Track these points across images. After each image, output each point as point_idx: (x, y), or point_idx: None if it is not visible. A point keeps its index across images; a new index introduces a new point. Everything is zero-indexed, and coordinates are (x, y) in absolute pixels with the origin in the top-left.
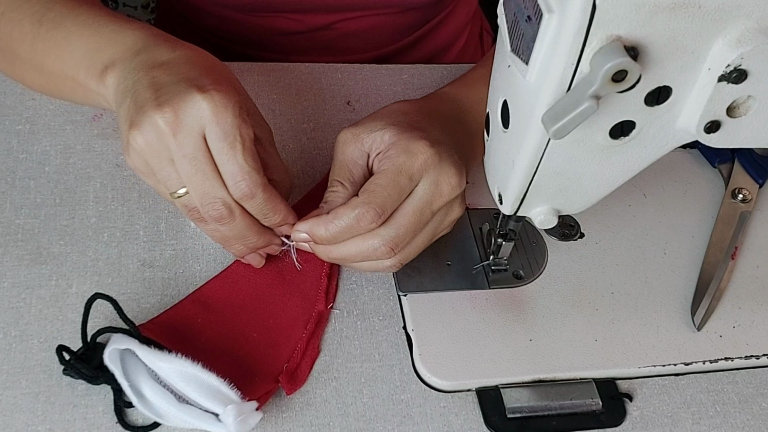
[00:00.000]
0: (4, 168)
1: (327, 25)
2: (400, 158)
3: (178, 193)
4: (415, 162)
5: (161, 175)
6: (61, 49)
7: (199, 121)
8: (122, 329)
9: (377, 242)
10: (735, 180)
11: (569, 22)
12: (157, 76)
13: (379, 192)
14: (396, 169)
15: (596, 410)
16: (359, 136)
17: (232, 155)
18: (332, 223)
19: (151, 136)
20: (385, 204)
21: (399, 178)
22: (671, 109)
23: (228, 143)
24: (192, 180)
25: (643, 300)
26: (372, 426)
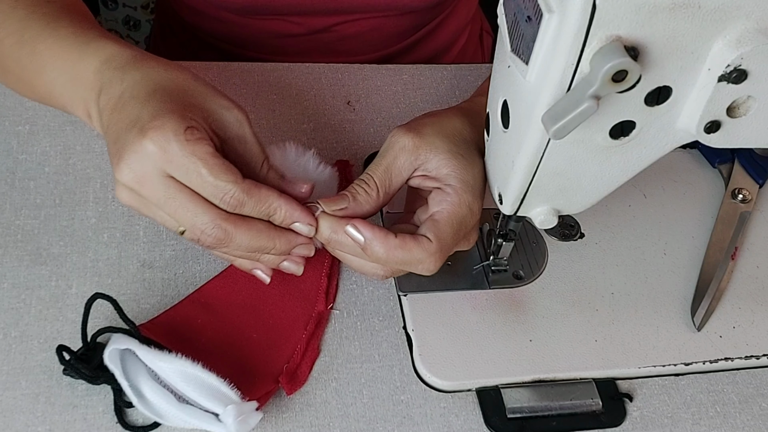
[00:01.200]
0: (3, 169)
1: (326, 28)
2: (463, 210)
3: (180, 230)
4: (470, 222)
5: (160, 221)
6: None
7: (155, 165)
8: (122, 329)
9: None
10: (735, 180)
11: (569, 22)
12: (113, 123)
13: (447, 241)
14: (458, 219)
15: (596, 410)
16: (419, 149)
17: (200, 181)
18: (396, 252)
19: (127, 196)
20: (449, 251)
21: (457, 227)
22: (671, 109)
23: (191, 171)
24: (180, 218)
25: (643, 300)
26: (372, 426)
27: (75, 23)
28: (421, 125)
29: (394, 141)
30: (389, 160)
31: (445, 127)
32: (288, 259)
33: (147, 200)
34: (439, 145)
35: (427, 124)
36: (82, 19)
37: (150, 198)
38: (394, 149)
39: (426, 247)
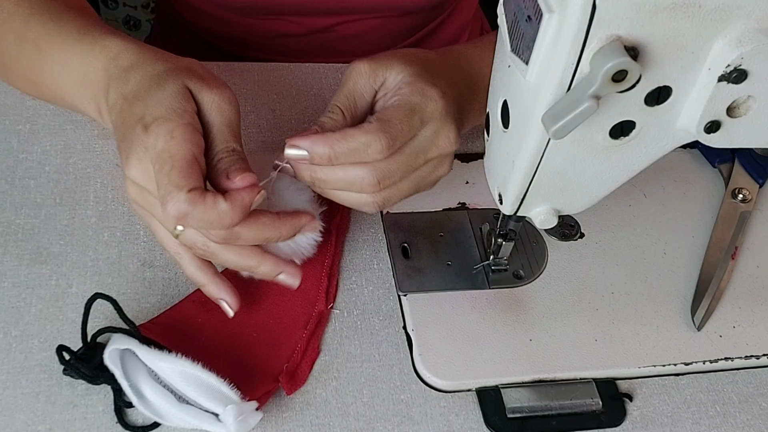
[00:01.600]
0: (4, 168)
1: (327, 28)
2: (416, 98)
3: (178, 229)
4: (428, 106)
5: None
6: (48, 75)
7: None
8: (122, 329)
9: (365, 172)
10: (735, 180)
11: (569, 22)
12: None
13: (395, 124)
14: (411, 107)
15: (596, 410)
16: (376, 71)
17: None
18: (339, 143)
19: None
20: (397, 137)
21: (413, 116)
22: (671, 109)
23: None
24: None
25: (643, 300)
26: (372, 426)
27: (79, 21)
28: (378, 56)
29: (352, 69)
30: (350, 86)
31: (404, 53)
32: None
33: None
34: (395, 63)
35: (384, 54)
36: (86, 16)
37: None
38: (353, 75)
39: (367, 128)
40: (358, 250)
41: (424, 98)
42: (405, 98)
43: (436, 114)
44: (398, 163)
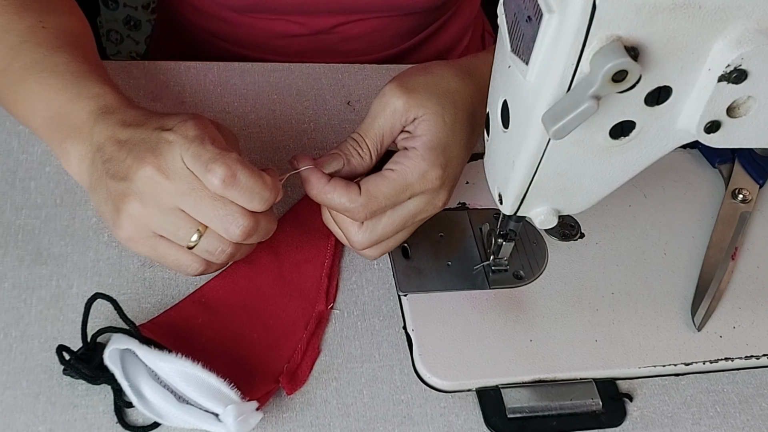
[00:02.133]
0: (4, 168)
1: (329, 29)
2: (412, 177)
3: (192, 240)
4: (422, 185)
5: (169, 227)
6: (26, 107)
7: (180, 153)
8: (122, 329)
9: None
10: (735, 180)
11: (569, 22)
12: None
13: (380, 202)
14: (403, 186)
15: (596, 410)
16: (409, 111)
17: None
18: (326, 195)
19: (146, 193)
20: (378, 212)
21: (402, 194)
22: (671, 109)
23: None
24: (203, 211)
25: (643, 300)
26: (372, 426)
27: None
28: (413, 84)
29: (386, 102)
30: (381, 123)
31: (438, 87)
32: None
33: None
34: (428, 106)
35: (420, 84)
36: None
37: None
38: (386, 112)
39: (352, 198)
40: None
41: (421, 179)
42: (402, 175)
43: (430, 189)
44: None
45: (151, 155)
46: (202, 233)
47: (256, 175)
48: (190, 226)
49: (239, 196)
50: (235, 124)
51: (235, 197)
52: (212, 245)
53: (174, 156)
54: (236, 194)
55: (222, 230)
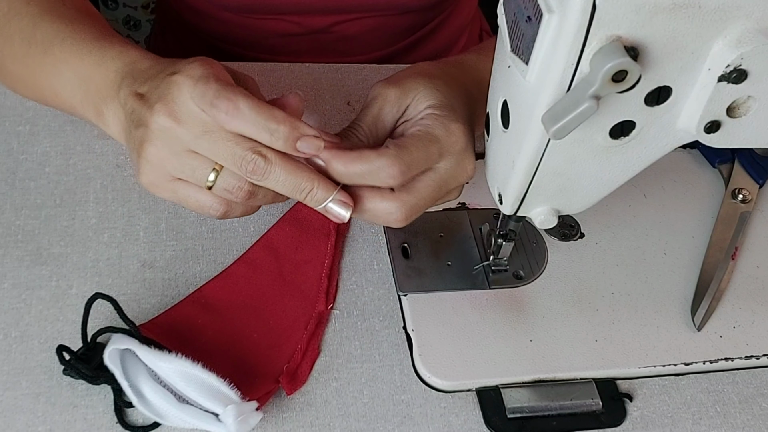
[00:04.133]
0: (4, 169)
1: (325, 28)
2: (438, 131)
3: (210, 180)
4: (449, 140)
5: (186, 169)
6: (53, 77)
7: (188, 95)
8: (122, 329)
9: (396, 207)
10: (735, 180)
11: (569, 22)
12: (141, 92)
13: (411, 152)
14: (431, 138)
15: (596, 410)
16: (401, 98)
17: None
18: (353, 164)
19: (159, 139)
20: (411, 165)
21: (431, 148)
22: (671, 109)
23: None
24: (216, 150)
25: (643, 300)
26: (372, 426)
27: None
28: (400, 76)
29: (377, 93)
30: (375, 111)
31: (425, 73)
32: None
33: (177, 145)
34: (417, 87)
35: (407, 74)
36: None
37: (185, 136)
38: (378, 101)
39: (383, 152)
40: (358, 250)
41: (446, 132)
42: (427, 129)
43: (456, 148)
44: (425, 197)
45: (161, 102)
46: (218, 172)
47: (264, 106)
48: (206, 166)
49: (247, 128)
50: None
51: (244, 130)
52: (229, 183)
53: (183, 99)
54: (244, 126)
55: (236, 167)
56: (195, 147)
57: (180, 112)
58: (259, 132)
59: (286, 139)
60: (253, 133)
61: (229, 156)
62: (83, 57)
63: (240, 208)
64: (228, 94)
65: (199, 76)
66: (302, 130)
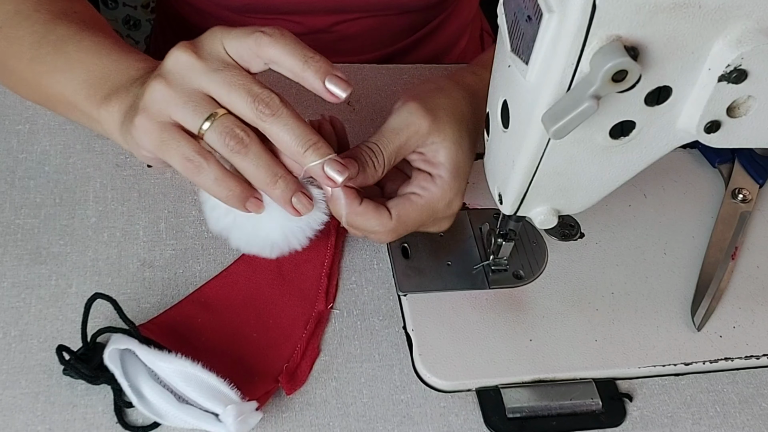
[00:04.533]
0: (3, 168)
1: (327, 28)
2: (439, 204)
3: (204, 127)
4: (446, 211)
5: (188, 108)
6: (60, 74)
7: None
8: (122, 329)
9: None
10: (735, 180)
11: (569, 22)
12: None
13: (408, 226)
14: (430, 212)
15: (596, 410)
16: (430, 135)
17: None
18: (355, 217)
19: (171, 73)
20: (405, 232)
21: (427, 220)
22: (671, 109)
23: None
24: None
25: (643, 300)
26: (372, 426)
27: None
28: (436, 107)
29: (411, 121)
30: (402, 140)
31: (455, 112)
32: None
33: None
34: (449, 134)
35: (442, 108)
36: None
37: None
38: (409, 130)
39: (383, 222)
40: (358, 250)
41: (446, 207)
42: (430, 203)
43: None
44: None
45: (187, 42)
46: (214, 120)
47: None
48: (207, 110)
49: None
50: None
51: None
52: (226, 127)
53: (211, 40)
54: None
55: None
56: (207, 83)
57: (203, 49)
58: (295, 59)
59: (317, 69)
60: (288, 58)
61: (244, 90)
62: (102, 56)
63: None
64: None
65: (238, 31)
66: (334, 70)
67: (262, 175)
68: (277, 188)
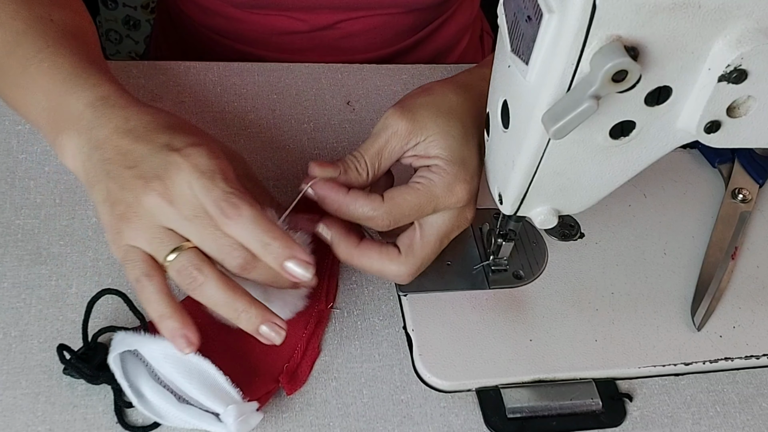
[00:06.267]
0: (3, 168)
1: (330, 25)
2: (438, 190)
3: (169, 259)
4: (449, 199)
5: (154, 242)
6: (25, 93)
7: (188, 181)
8: (123, 328)
9: (403, 271)
10: (735, 180)
11: (569, 22)
12: (128, 150)
13: (404, 210)
14: (429, 197)
15: (596, 410)
16: (411, 134)
17: (211, 185)
18: (346, 206)
19: (147, 215)
20: (402, 221)
21: (426, 206)
22: (671, 109)
23: (207, 178)
24: (205, 238)
25: (643, 300)
26: (372, 426)
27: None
28: (415, 106)
29: (388, 124)
30: (381, 143)
31: (440, 106)
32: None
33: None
34: (431, 127)
35: (422, 105)
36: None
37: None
38: (387, 132)
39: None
40: None
41: (448, 193)
42: (429, 186)
43: (457, 205)
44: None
45: (157, 181)
46: (180, 253)
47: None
48: (173, 243)
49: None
50: (234, 124)
51: (239, 236)
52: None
53: (180, 182)
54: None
55: (220, 255)
56: (178, 227)
57: (174, 193)
58: (253, 243)
59: (276, 256)
60: (246, 242)
61: (215, 245)
62: (56, 83)
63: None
64: (234, 199)
65: (205, 169)
66: (295, 252)
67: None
68: (241, 322)
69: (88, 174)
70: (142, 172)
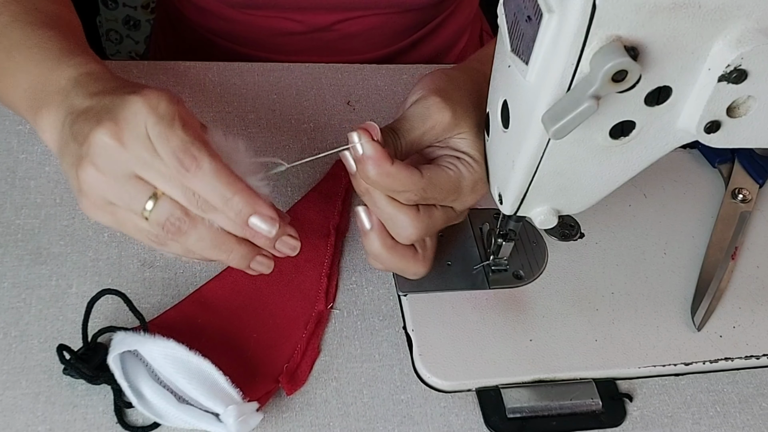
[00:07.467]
0: (4, 168)
1: (328, 26)
2: (466, 183)
3: (147, 209)
4: (471, 196)
5: (123, 198)
6: (9, 80)
7: (143, 120)
8: (123, 328)
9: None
10: (735, 180)
11: (569, 22)
12: (89, 106)
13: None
14: (457, 188)
15: (596, 410)
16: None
17: (170, 132)
18: (387, 174)
19: (100, 158)
20: (429, 198)
21: (450, 195)
22: (671, 109)
23: (166, 124)
24: (168, 180)
25: (643, 300)
26: (372, 426)
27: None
28: (458, 98)
29: (431, 114)
30: (422, 131)
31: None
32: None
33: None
34: (468, 123)
35: (465, 97)
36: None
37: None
38: (430, 122)
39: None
40: (358, 250)
41: (471, 189)
42: (458, 178)
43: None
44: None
45: (109, 119)
46: (157, 200)
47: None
48: (145, 194)
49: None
50: (235, 124)
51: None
52: (168, 212)
53: (136, 123)
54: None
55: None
56: (139, 171)
57: (127, 135)
58: (214, 197)
59: (238, 212)
60: (207, 196)
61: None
62: (40, 64)
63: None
64: (194, 150)
65: (164, 113)
66: (258, 207)
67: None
68: (231, 261)
69: (59, 142)
70: (97, 116)
